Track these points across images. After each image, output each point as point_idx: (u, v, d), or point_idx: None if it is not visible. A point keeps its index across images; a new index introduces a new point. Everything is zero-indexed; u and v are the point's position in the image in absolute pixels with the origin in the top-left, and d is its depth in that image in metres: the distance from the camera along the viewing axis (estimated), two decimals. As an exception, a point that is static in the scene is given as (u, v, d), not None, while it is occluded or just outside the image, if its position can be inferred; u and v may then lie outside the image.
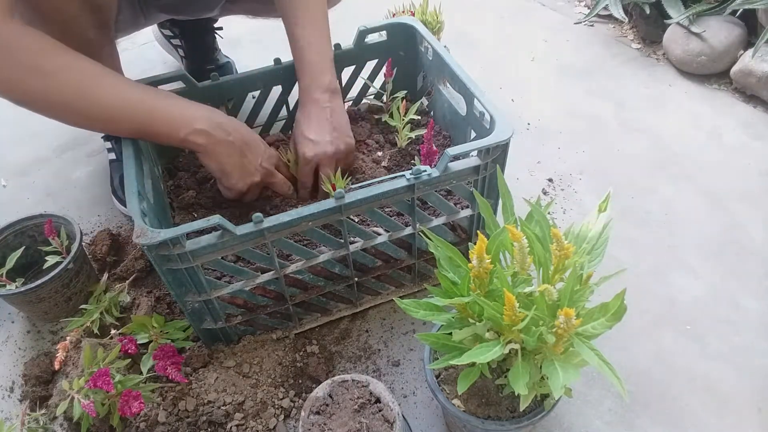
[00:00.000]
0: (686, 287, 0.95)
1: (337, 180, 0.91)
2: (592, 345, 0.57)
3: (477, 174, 0.78)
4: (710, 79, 1.36)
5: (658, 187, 1.12)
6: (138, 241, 0.66)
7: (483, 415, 0.67)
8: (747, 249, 1.01)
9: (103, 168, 1.24)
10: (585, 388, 0.83)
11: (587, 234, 0.64)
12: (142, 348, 0.83)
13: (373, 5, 1.55)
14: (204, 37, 1.35)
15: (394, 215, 0.89)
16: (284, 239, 0.74)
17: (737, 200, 1.09)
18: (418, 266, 0.89)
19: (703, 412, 0.81)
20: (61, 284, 0.90)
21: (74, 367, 0.83)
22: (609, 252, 0.64)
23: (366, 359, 0.88)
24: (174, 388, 0.80)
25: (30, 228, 0.96)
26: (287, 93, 1.07)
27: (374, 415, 0.66)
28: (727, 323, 0.90)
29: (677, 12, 1.37)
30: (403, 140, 1.02)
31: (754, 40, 1.27)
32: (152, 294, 0.95)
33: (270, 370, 0.83)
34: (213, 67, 1.34)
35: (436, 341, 0.63)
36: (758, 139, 1.21)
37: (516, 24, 1.61)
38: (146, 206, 0.75)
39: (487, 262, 0.56)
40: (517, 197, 0.69)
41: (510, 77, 1.41)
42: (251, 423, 0.78)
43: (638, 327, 0.90)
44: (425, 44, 1.01)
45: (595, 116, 1.29)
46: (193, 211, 0.96)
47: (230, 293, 0.78)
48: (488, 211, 0.66)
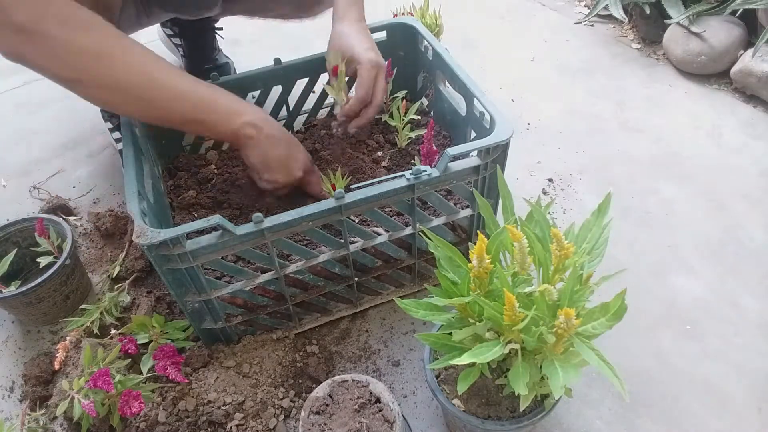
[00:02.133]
0: (686, 287, 0.95)
1: (337, 180, 0.91)
2: (592, 345, 0.57)
3: (477, 174, 0.78)
4: (710, 79, 1.36)
5: (658, 187, 1.12)
6: (138, 241, 0.66)
7: (483, 415, 0.67)
8: (747, 249, 1.01)
9: (104, 168, 1.24)
10: (585, 388, 0.83)
11: (587, 234, 0.64)
12: (142, 348, 0.83)
13: (373, 5, 1.55)
14: (204, 36, 1.35)
15: (394, 215, 0.89)
16: (284, 239, 0.74)
17: (737, 200, 1.09)
18: (418, 266, 0.89)
19: (703, 412, 0.81)
20: (59, 282, 0.90)
21: (74, 367, 0.83)
22: (609, 252, 0.64)
23: (366, 359, 0.88)
24: (174, 388, 0.80)
25: (14, 234, 0.95)
26: (287, 93, 1.07)
27: (374, 415, 0.66)
28: (727, 323, 0.90)
29: (677, 12, 1.37)
30: (403, 140, 1.02)
31: (754, 40, 1.27)
32: (152, 294, 0.95)
33: (270, 370, 0.83)
34: (212, 66, 1.34)
35: (436, 341, 0.63)
36: (758, 139, 1.21)
37: (516, 24, 1.61)
38: (146, 206, 0.75)
39: (487, 262, 0.56)
40: (517, 197, 0.69)
41: (510, 77, 1.41)
42: (251, 423, 0.78)
43: (638, 327, 0.90)
44: (425, 44, 1.01)
45: (595, 116, 1.29)
46: (193, 211, 0.96)
47: (230, 293, 0.78)
48: (488, 211, 0.66)
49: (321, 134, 1.08)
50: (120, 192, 1.18)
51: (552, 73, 1.43)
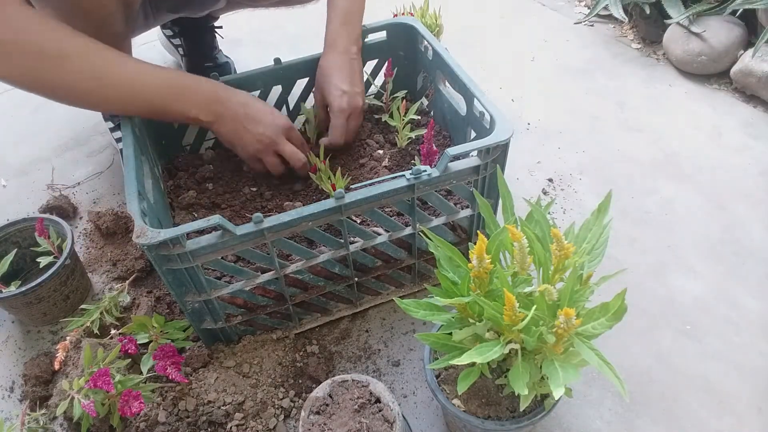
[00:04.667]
0: (686, 287, 0.95)
1: (337, 180, 0.91)
2: (592, 345, 0.57)
3: (477, 174, 0.78)
4: (710, 79, 1.36)
5: (658, 187, 1.12)
6: (138, 241, 0.66)
7: (483, 415, 0.67)
8: (747, 249, 1.01)
9: (103, 168, 1.24)
10: (585, 388, 0.83)
11: (587, 234, 0.64)
12: (142, 348, 0.83)
13: (374, 5, 1.55)
14: (204, 35, 1.35)
15: (394, 215, 0.89)
16: (284, 239, 0.74)
17: (737, 200, 1.09)
18: (418, 266, 0.89)
19: (703, 412, 0.81)
20: (60, 282, 0.90)
21: (74, 367, 0.83)
22: (609, 252, 0.64)
23: (366, 359, 0.88)
24: (174, 388, 0.80)
25: (14, 234, 0.95)
26: (287, 93, 1.07)
27: (374, 415, 0.66)
28: (727, 323, 0.90)
29: (677, 12, 1.37)
30: (403, 140, 1.02)
31: (754, 40, 1.27)
32: (152, 294, 0.95)
33: (270, 370, 0.83)
34: (212, 65, 1.34)
35: (436, 341, 0.63)
36: (758, 139, 1.21)
37: (516, 24, 1.61)
38: (146, 206, 0.75)
39: (487, 262, 0.56)
40: (517, 197, 0.69)
41: (510, 77, 1.41)
42: (251, 423, 0.78)
43: (638, 327, 0.90)
44: (425, 44, 1.01)
45: (595, 116, 1.29)
46: (193, 211, 0.96)
47: (230, 293, 0.78)
48: (488, 211, 0.66)
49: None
50: (120, 192, 1.18)
51: (552, 73, 1.43)
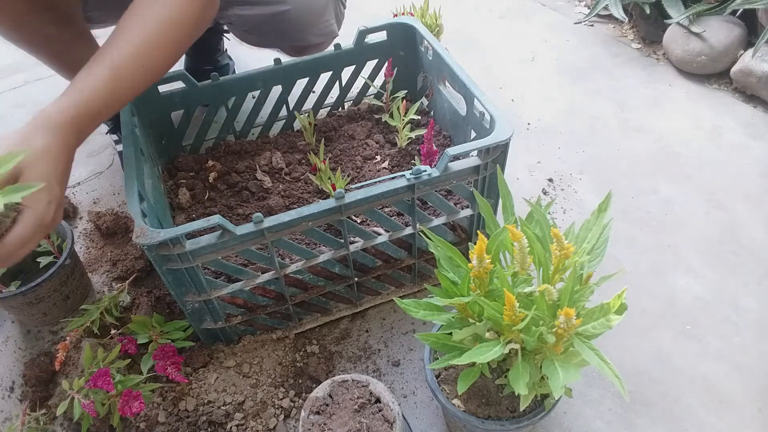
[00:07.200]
0: (686, 287, 0.95)
1: (337, 180, 0.91)
2: (592, 345, 0.57)
3: (477, 174, 0.78)
4: (710, 79, 1.36)
5: (658, 187, 1.12)
6: (138, 241, 0.66)
7: (483, 415, 0.67)
8: (747, 249, 1.01)
9: (103, 168, 1.24)
10: (585, 388, 0.83)
11: (587, 234, 0.64)
12: (142, 348, 0.83)
13: (374, 5, 1.55)
14: (209, 38, 1.34)
15: (394, 215, 0.89)
16: (284, 239, 0.74)
17: (737, 200, 1.09)
18: (418, 266, 0.89)
19: (703, 412, 0.81)
20: (59, 282, 0.90)
21: (74, 367, 0.83)
22: (609, 252, 0.64)
23: (366, 359, 0.88)
24: (174, 388, 0.80)
25: None
26: (287, 93, 1.07)
27: (374, 415, 0.66)
28: (727, 323, 0.90)
29: (677, 12, 1.37)
30: (403, 140, 1.02)
31: (754, 40, 1.27)
32: (152, 294, 0.95)
33: (270, 370, 0.83)
34: (212, 68, 1.34)
35: (436, 341, 0.63)
36: (758, 139, 1.21)
37: (516, 24, 1.61)
38: (146, 206, 0.75)
39: (487, 262, 0.56)
40: (517, 197, 0.69)
41: (510, 77, 1.41)
42: (251, 423, 0.78)
43: (638, 327, 0.90)
44: (425, 44, 1.01)
45: (595, 116, 1.29)
46: (193, 212, 0.96)
47: (230, 293, 0.78)
48: (488, 211, 0.66)
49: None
50: (120, 192, 1.18)
51: (552, 73, 1.43)
